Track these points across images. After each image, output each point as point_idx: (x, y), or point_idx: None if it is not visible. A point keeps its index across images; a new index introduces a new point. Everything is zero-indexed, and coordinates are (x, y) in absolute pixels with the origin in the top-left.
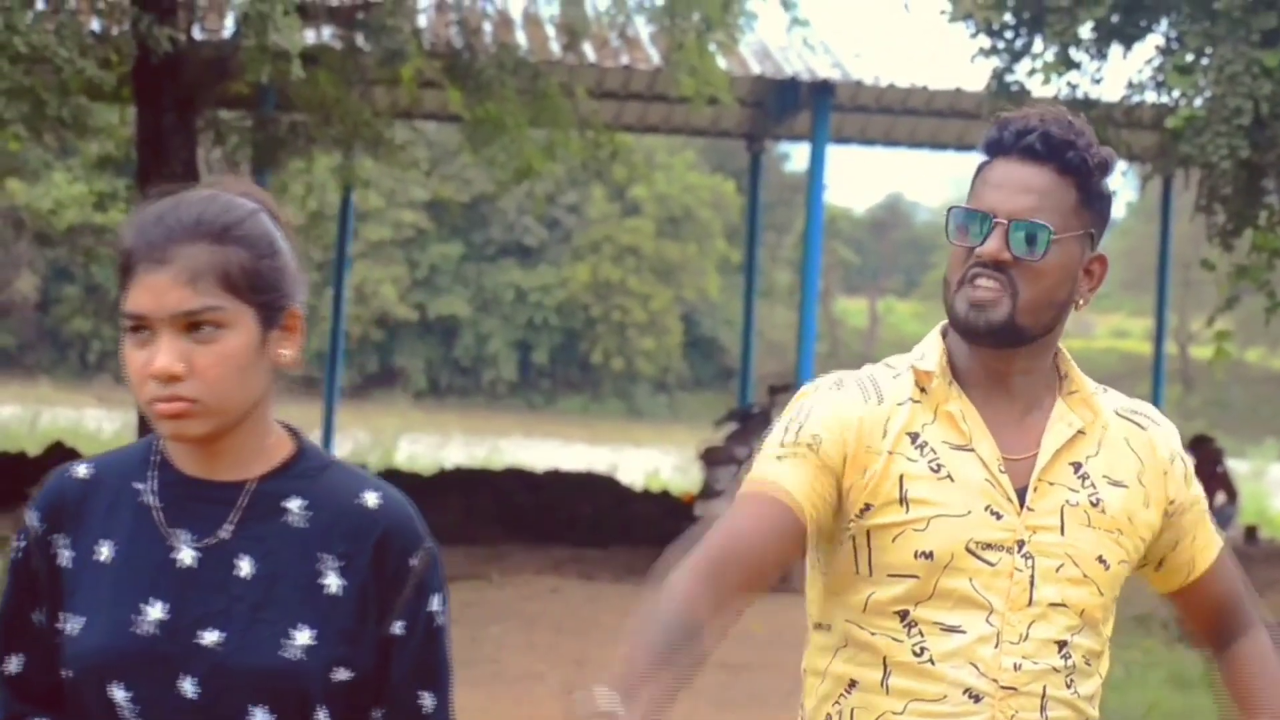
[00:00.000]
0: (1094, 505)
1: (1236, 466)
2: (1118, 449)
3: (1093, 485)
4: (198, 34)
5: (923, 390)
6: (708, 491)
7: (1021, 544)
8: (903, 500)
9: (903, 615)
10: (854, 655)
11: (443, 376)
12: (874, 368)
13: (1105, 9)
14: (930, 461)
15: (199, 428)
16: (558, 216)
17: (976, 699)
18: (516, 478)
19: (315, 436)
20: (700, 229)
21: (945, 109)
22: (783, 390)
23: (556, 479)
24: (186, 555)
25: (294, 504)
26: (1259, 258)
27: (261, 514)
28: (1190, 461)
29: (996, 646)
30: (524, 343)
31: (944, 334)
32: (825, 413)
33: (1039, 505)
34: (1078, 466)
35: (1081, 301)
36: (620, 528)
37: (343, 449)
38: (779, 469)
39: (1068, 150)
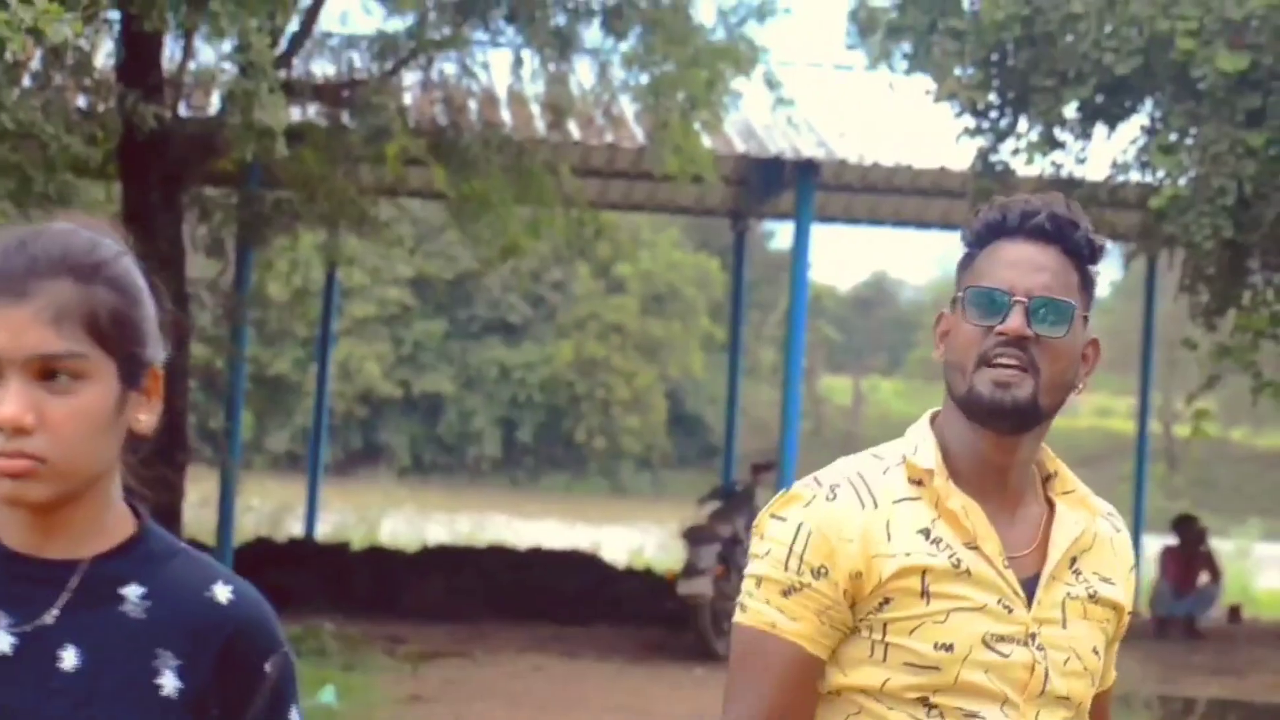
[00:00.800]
0: (1090, 598)
1: (1221, 546)
2: (1105, 548)
3: (1086, 580)
4: (183, 111)
5: (919, 484)
6: (690, 570)
7: (1033, 636)
8: (924, 594)
9: (924, 700)
10: None
11: (426, 453)
12: (861, 462)
13: (1089, 89)
14: (950, 557)
15: (40, 492)
16: (542, 294)
17: None
18: (499, 555)
19: (299, 514)
20: (684, 307)
21: (930, 188)
22: (765, 468)
23: (540, 556)
24: (2, 641)
25: (132, 591)
26: (1243, 337)
27: (94, 599)
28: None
29: None
30: (508, 420)
31: (932, 421)
32: (827, 533)
33: (1044, 598)
34: (1073, 561)
35: (1081, 386)
36: (603, 606)
37: (326, 526)
38: (789, 611)
39: (1073, 231)
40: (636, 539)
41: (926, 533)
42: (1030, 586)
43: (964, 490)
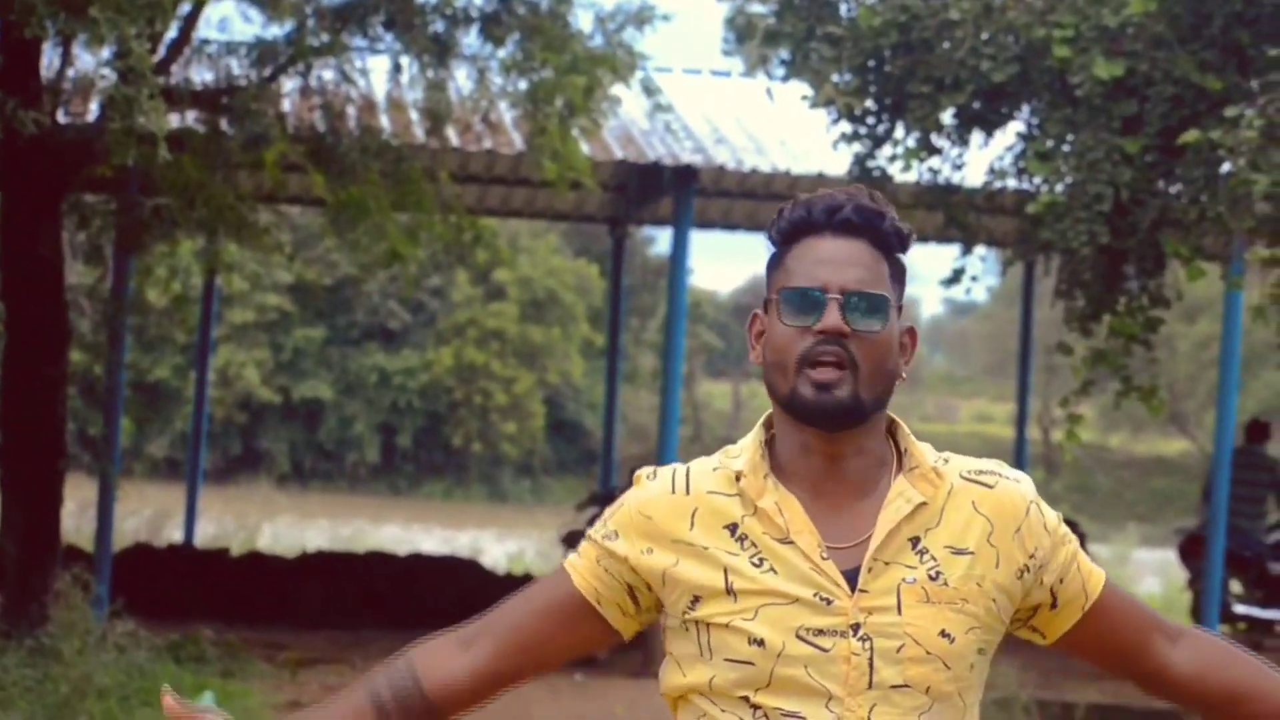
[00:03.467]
0: (933, 579)
1: (1100, 551)
2: (963, 515)
3: (932, 559)
4: (62, 118)
5: (737, 479)
6: None
7: (857, 627)
8: (729, 591)
9: (746, 700)
10: None
11: (306, 460)
12: (703, 458)
13: (966, 96)
14: (752, 556)
15: None
16: (421, 300)
17: None
18: (379, 561)
19: (179, 520)
20: (564, 313)
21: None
22: None
23: (419, 563)
24: None
25: None
26: (1117, 342)
27: None
28: (1052, 512)
29: None
30: (387, 426)
31: (767, 426)
32: (634, 506)
33: (873, 586)
34: (916, 541)
35: (904, 375)
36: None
37: (206, 532)
38: (579, 557)
39: (880, 222)
40: (516, 544)
41: (733, 528)
42: (856, 577)
43: (795, 486)
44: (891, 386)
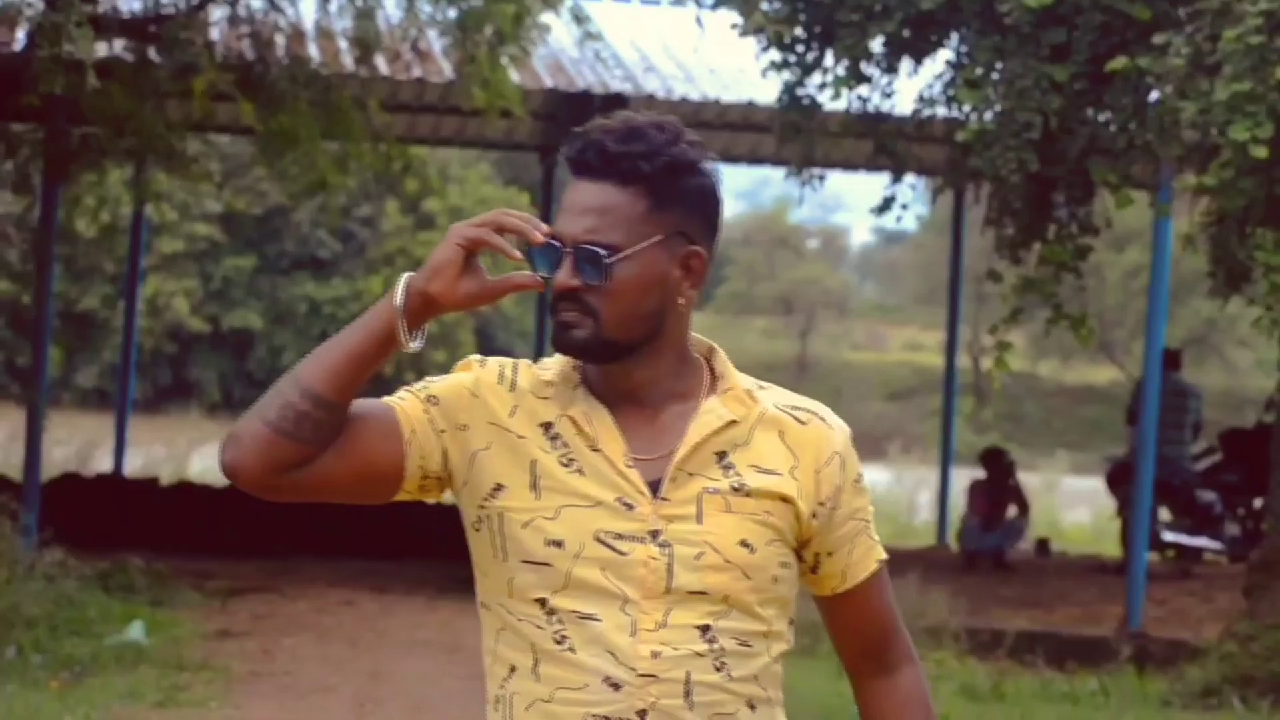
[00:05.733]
0: (736, 490)
1: (1029, 479)
2: (770, 442)
3: (738, 474)
4: None
5: (549, 387)
6: None
7: (657, 533)
8: (534, 486)
9: (542, 603)
10: (510, 640)
11: (236, 389)
12: (527, 362)
13: (895, 24)
14: (562, 456)
15: None
16: (351, 230)
17: (616, 687)
18: None
19: (108, 449)
20: None
21: (738, 122)
22: None
23: None
24: None
25: None
26: (1046, 270)
27: None
28: (857, 470)
29: (633, 635)
30: None
31: None
32: (463, 384)
33: (674, 495)
34: (722, 456)
35: (683, 301)
36: (413, 541)
37: (135, 462)
38: (400, 399)
39: (623, 162)
40: None
41: (548, 427)
42: (660, 486)
43: (607, 401)
44: (656, 322)
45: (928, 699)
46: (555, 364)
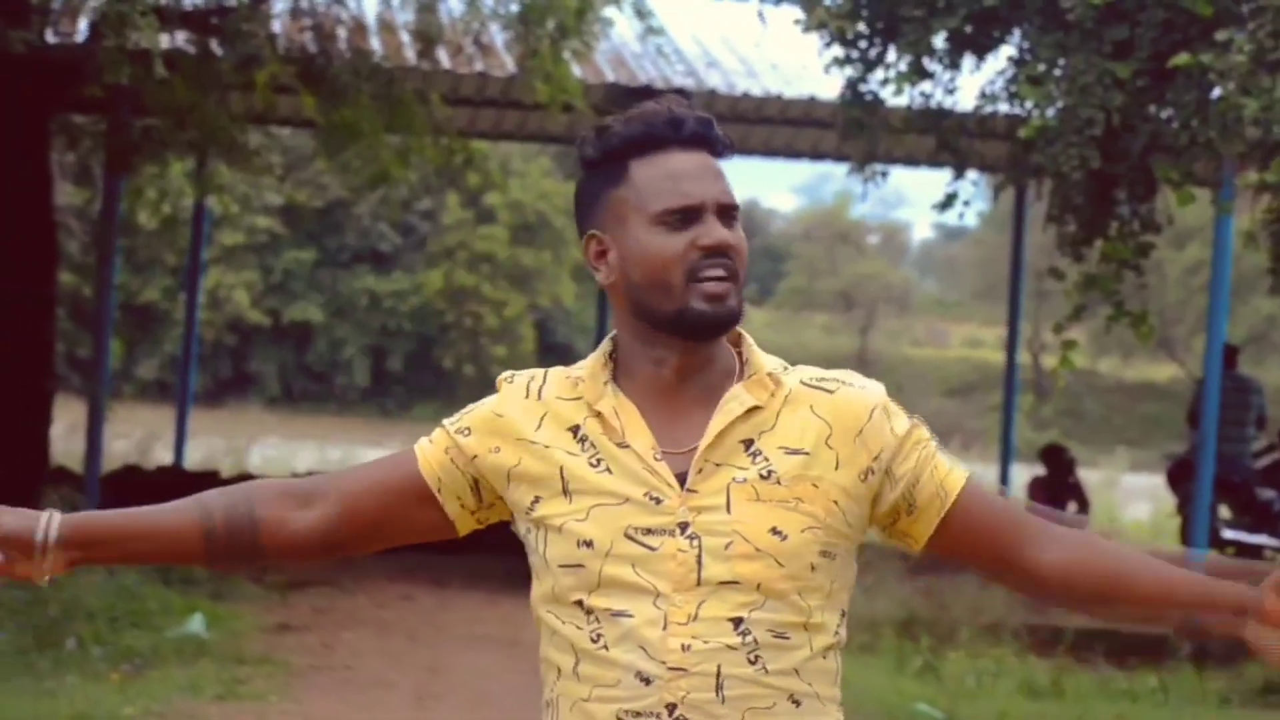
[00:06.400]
0: (764, 478)
1: (1089, 476)
2: (799, 418)
3: (765, 459)
4: (51, 38)
5: (578, 385)
6: None
7: (685, 526)
8: (566, 491)
9: (580, 604)
10: (557, 643)
11: (296, 382)
12: (559, 368)
13: (958, 20)
14: (590, 457)
15: None
16: (412, 223)
17: (647, 681)
18: None
19: (168, 442)
20: (554, 236)
21: (800, 118)
22: None
23: None
24: None
25: None
26: (1108, 267)
27: None
28: (903, 414)
29: (664, 629)
30: (377, 349)
31: (614, 340)
32: (490, 408)
33: (702, 486)
34: (749, 444)
35: None
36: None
37: (195, 454)
38: (430, 443)
39: (713, 135)
40: None
41: (576, 430)
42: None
43: (636, 396)
44: None
45: (1097, 537)
46: (589, 361)
